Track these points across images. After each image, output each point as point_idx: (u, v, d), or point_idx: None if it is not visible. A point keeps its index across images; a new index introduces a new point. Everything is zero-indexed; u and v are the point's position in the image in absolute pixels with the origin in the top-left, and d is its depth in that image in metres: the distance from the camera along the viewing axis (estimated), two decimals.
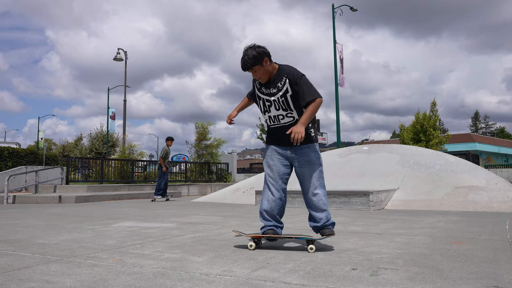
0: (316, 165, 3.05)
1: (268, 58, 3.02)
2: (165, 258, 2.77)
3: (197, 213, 6.55)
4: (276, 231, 3.13)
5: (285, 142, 3.08)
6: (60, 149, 43.06)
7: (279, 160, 3.12)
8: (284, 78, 3.03)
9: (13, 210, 7.52)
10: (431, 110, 23.39)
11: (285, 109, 3.03)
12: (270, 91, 3.07)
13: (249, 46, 3.03)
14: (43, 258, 2.79)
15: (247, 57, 2.98)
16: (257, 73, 3.03)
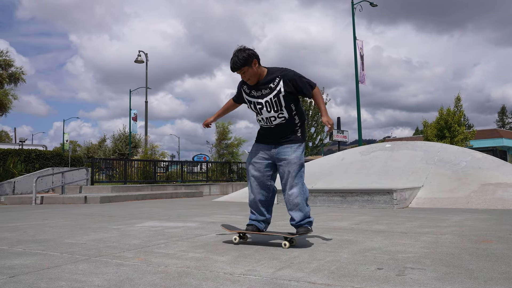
0: (294, 165, 3.12)
1: (257, 60, 3.11)
2: (189, 258, 2.79)
3: (219, 212, 6.58)
4: (258, 226, 3.30)
5: (271, 141, 3.22)
6: (84, 151, 44.12)
7: (261, 158, 3.24)
8: (277, 78, 3.11)
9: (41, 210, 7.73)
10: (455, 105, 22.82)
11: (276, 110, 3.12)
12: (262, 93, 3.15)
13: (239, 48, 3.11)
14: (71, 258, 2.86)
15: (237, 58, 3.07)
16: (246, 74, 3.11)
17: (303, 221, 3.16)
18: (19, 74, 12.48)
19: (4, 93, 11.26)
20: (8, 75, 12.25)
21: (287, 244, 3.07)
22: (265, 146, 3.25)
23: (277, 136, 3.19)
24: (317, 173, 10.00)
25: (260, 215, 3.33)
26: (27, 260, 2.80)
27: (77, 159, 28.64)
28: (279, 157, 3.17)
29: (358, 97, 18.21)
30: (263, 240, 3.48)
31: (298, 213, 3.15)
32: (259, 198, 3.30)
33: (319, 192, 7.58)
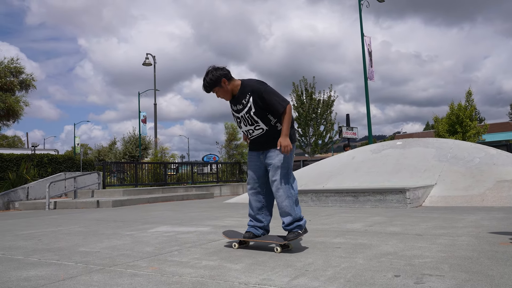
0: (278, 168, 3.17)
1: (226, 78, 3.18)
2: (203, 266, 2.78)
3: (230, 215, 6.57)
4: (254, 233, 3.39)
5: (259, 147, 3.30)
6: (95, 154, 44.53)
7: (255, 165, 3.34)
8: (248, 95, 3.16)
9: (55, 216, 7.80)
10: (466, 100, 22.47)
11: (251, 124, 3.21)
12: (237, 108, 3.25)
13: (208, 70, 3.21)
14: (86, 268, 2.86)
15: (206, 82, 3.19)
16: (219, 94, 3.23)
17: (292, 225, 3.20)
18: (29, 81, 12.60)
19: (15, 100, 11.38)
20: (19, 82, 12.38)
21: (278, 249, 3.16)
22: (255, 153, 3.35)
23: (262, 143, 3.27)
24: (327, 172, 9.94)
25: (258, 222, 3.40)
26: (42, 271, 2.81)
27: (88, 163, 28.91)
28: (266, 161, 3.26)
29: (367, 94, 18.06)
30: (264, 244, 3.45)
31: (286, 218, 3.20)
32: (255, 206, 3.38)
33: (331, 193, 7.53)
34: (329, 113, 22.80)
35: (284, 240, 3.18)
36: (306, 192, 7.89)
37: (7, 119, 11.96)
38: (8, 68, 12.36)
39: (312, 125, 22.57)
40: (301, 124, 22.72)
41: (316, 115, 22.59)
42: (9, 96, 11.58)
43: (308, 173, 10.37)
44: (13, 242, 4.30)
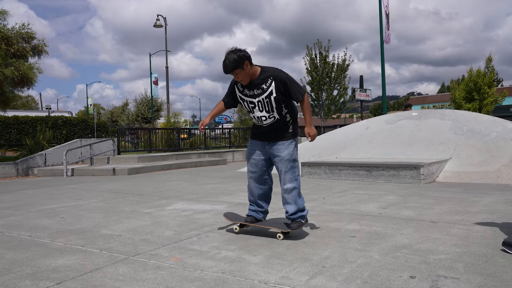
0: (288, 161, 3.29)
1: (249, 61, 3.17)
2: (223, 258, 2.88)
3: (244, 189, 6.67)
4: (256, 217, 3.51)
5: (265, 138, 3.36)
6: (108, 115, 44.87)
7: (258, 154, 3.41)
8: (270, 80, 3.19)
9: (73, 185, 8.02)
10: (486, 66, 21.72)
11: (267, 111, 3.25)
12: (254, 93, 3.24)
13: (230, 50, 3.18)
14: (110, 257, 2.99)
15: (228, 61, 3.14)
16: (239, 76, 3.20)
17: (296, 214, 3.33)
18: (41, 47, 12.52)
19: (29, 67, 11.37)
20: (32, 48, 12.31)
21: (281, 236, 3.32)
22: (260, 142, 3.41)
23: (269, 134, 3.33)
24: (341, 143, 9.93)
25: (259, 207, 3.54)
26: (69, 260, 2.94)
27: (101, 125, 29.28)
28: (273, 153, 3.33)
29: (382, 59, 17.62)
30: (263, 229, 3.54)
31: (291, 207, 3.32)
32: (257, 193, 3.50)
33: (344, 166, 7.56)
34: (343, 78, 22.41)
35: (288, 228, 3.33)
36: (319, 164, 7.93)
37: (22, 86, 12.01)
38: (19, 34, 12.27)
39: (326, 89, 22.27)
40: (314, 89, 22.44)
41: (329, 79, 22.23)
42: (23, 63, 11.57)
43: (322, 143, 10.37)
44: (37, 220, 4.48)
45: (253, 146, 3.46)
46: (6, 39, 11.56)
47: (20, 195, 6.71)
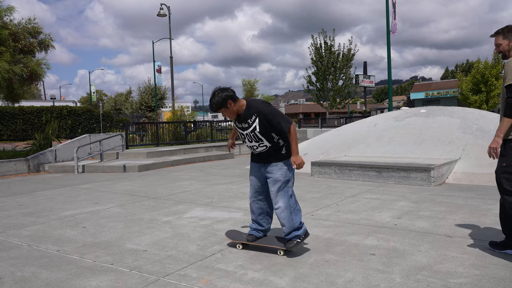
0: (279, 182, 3.46)
1: (232, 100, 3.39)
2: (250, 280, 2.99)
3: None
4: (256, 236, 3.72)
5: (261, 160, 3.57)
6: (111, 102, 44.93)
7: (256, 176, 3.63)
8: (254, 116, 3.39)
9: (87, 185, 8.14)
10: (494, 57, 21.54)
11: (256, 141, 3.46)
12: (242, 126, 3.48)
13: (215, 91, 3.42)
14: (141, 278, 3.11)
15: (212, 103, 3.41)
16: (224, 114, 3.45)
17: (290, 234, 3.50)
18: (48, 41, 12.53)
19: (37, 63, 11.41)
20: (38, 43, 12.32)
21: (282, 252, 3.54)
22: (257, 164, 3.63)
23: (263, 157, 3.54)
24: (349, 140, 10.00)
25: (260, 226, 3.72)
26: (102, 281, 3.07)
27: (106, 115, 29.34)
28: (267, 175, 3.54)
29: (389, 48, 17.54)
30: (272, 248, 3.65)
31: (285, 228, 3.50)
32: (257, 212, 3.69)
33: (354, 166, 7.65)
34: (348, 67, 22.32)
35: (285, 246, 3.51)
36: (329, 164, 8.03)
37: (30, 82, 12.07)
38: (26, 29, 12.27)
39: (331, 79, 22.21)
40: (319, 79, 22.38)
41: (335, 69, 22.15)
42: (30, 59, 11.60)
43: (330, 140, 10.45)
44: (61, 231, 4.60)
45: (252, 167, 3.69)
46: (13, 35, 11.56)
47: (37, 198, 6.84)
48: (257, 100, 3.56)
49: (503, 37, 3.34)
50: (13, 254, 3.82)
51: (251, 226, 3.76)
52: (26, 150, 12.46)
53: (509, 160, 3.19)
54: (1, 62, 10.16)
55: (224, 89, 3.40)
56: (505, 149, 3.22)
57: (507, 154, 3.21)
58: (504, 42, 3.34)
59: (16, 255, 3.79)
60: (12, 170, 10.51)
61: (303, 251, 3.60)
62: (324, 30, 21.84)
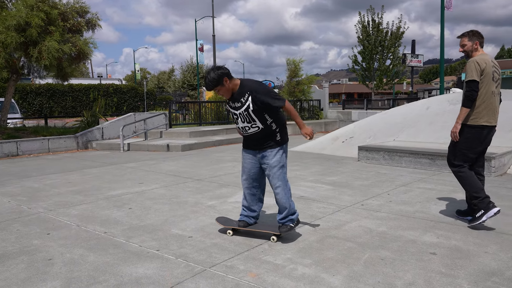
0: (276, 167, 3.50)
1: (228, 77, 3.38)
2: (301, 277, 2.82)
3: (302, 175, 6.58)
4: (248, 222, 3.73)
5: (254, 147, 3.56)
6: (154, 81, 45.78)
7: (250, 163, 3.62)
8: (246, 94, 3.39)
9: (132, 164, 8.26)
10: None
11: (249, 122, 3.44)
12: (235, 105, 3.47)
13: (210, 68, 3.43)
14: (187, 267, 3.02)
15: (208, 80, 3.36)
16: (220, 92, 3.43)
17: (285, 218, 3.54)
18: (95, 21, 12.69)
19: (85, 42, 11.61)
20: (86, 22, 12.51)
21: (275, 239, 3.55)
22: (251, 151, 3.61)
23: (257, 142, 3.53)
24: (399, 124, 9.50)
25: (251, 212, 3.72)
26: (148, 269, 3.01)
27: (149, 93, 29.92)
28: (262, 161, 3.55)
29: (442, 26, 16.45)
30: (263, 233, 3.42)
31: (284, 212, 3.54)
32: (250, 199, 3.69)
33: (405, 152, 7.24)
34: (397, 46, 21.23)
35: (278, 231, 3.53)
36: (378, 149, 7.65)
37: (78, 61, 12.34)
38: (74, 9, 12.46)
39: (378, 59, 21.24)
40: (365, 58, 21.48)
41: (382, 48, 21.14)
42: (78, 38, 11.81)
43: (377, 123, 9.99)
44: (107, 211, 4.64)
45: (245, 155, 3.66)
46: (62, 15, 11.78)
47: (85, 175, 7.00)
48: (250, 80, 3.55)
49: (468, 39, 3.88)
50: (62, 234, 3.87)
51: (242, 213, 3.76)
52: (75, 127, 12.88)
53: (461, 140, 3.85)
54: (51, 41, 10.40)
55: (220, 67, 3.41)
56: (462, 132, 3.85)
57: (462, 135, 3.85)
58: (468, 44, 3.87)
59: (66, 235, 3.84)
60: (62, 147, 10.90)
61: (356, 246, 3.38)
62: (372, 7, 20.82)
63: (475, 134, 3.82)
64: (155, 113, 13.10)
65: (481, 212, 3.72)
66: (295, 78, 16.84)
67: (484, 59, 3.74)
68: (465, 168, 3.89)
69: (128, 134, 12.07)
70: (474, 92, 3.71)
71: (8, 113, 12.78)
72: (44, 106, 24.59)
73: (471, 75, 3.72)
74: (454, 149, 3.94)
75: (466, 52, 3.92)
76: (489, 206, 3.70)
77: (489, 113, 3.79)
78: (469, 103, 3.74)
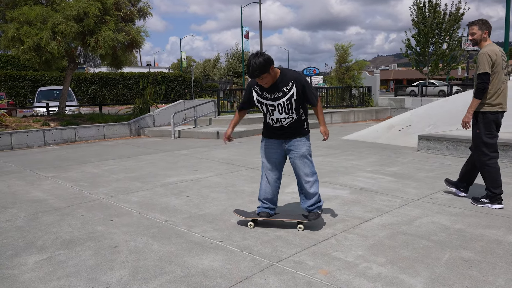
0: (306, 157, 3.46)
1: (273, 64, 3.21)
2: (377, 277, 2.62)
3: (359, 165, 6.29)
4: (269, 213, 3.62)
5: (282, 136, 3.47)
6: (200, 69, 46.34)
7: (276, 152, 3.52)
8: (290, 83, 3.28)
9: (184, 151, 8.31)
10: None
11: (287, 113, 3.34)
12: (274, 96, 3.31)
13: (254, 54, 3.18)
14: (254, 261, 2.90)
15: (256, 66, 3.12)
16: (264, 80, 3.22)
17: (314, 205, 3.51)
18: (146, 9, 12.85)
19: (137, 31, 11.80)
20: (138, 11, 12.69)
21: (302, 227, 3.48)
22: (276, 141, 3.50)
23: (287, 132, 3.44)
24: (461, 112, 8.82)
25: (273, 204, 3.64)
26: (214, 261, 2.92)
27: (196, 80, 30.30)
28: (292, 149, 3.45)
29: (508, 5, 15.20)
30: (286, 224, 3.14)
31: (312, 199, 3.50)
32: (273, 190, 3.59)
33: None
34: (455, 29, 19.91)
35: (306, 219, 3.48)
36: (441, 139, 7.17)
37: (131, 50, 12.57)
38: None
39: (434, 42, 20.06)
40: (420, 42, 20.36)
41: (439, 31, 19.92)
42: (131, 26, 12.01)
43: (437, 110, 9.41)
44: (166, 199, 4.63)
45: (269, 144, 3.54)
46: (116, 4, 12.00)
47: (140, 162, 7.11)
48: (290, 69, 3.43)
49: (478, 27, 3.97)
50: (125, 220, 3.89)
51: (262, 205, 3.63)
52: (127, 115, 13.22)
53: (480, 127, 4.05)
54: (107, 31, 10.64)
55: (264, 53, 3.20)
56: (476, 119, 4.07)
57: (478, 122, 4.07)
58: (478, 32, 3.97)
59: (128, 222, 3.85)
60: (116, 133, 11.21)
61: (433, 244, 3.11)
62: None
63: (492, 118, 4.00)
64: (204, 101, 13.16)
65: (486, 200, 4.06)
66: (344, 63, 16.28)
67: (494, 50, 3.88)
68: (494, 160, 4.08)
69: (178, 121, 12.20)
70: (486, 84, 3.88)
71: (66, 100, 13.33)
72: (97, 94, 25.56)
73: (483, 68, 3.86)
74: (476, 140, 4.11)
75: (475, 40, 4.04)
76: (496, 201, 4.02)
77: (502, 99, 3.98)
78: (481, 94, 3.90)
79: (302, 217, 3.52)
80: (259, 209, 3.65)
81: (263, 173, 3.62)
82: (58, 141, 10.10)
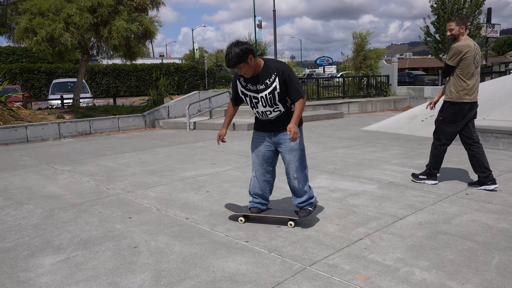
0: (296, 151, 3.28)
1: (252, 54, 3.05)
2: (422, 284, 2.38)
3: (383, 157, 6.02)
4: (261, 208, 3.51)
5: (271, 129, 3.29)
6: (213, 59, 45.98)
7: (264, 146, 3.36)
8: (273, 75, 3.11)
9: (200, 143, 8.12)
10: None
11: (271, 105, 3.17)
12: (257, 88, 3.16)
13: (232, 43, 3.06)
14: (284, 264, 2.69)
15: (231, 55, 3.00)
16: (242, 70, 3.08)
17: (305, 202, 3.36)
18: None
19: (150, 21, 11.59)
20: (151, 1, 12.47)
21: (292, 224, 3.36)
22: (265, 133, 3.34)
23: (275, 124, 3.26)
24: (487, 101, 8.48)
25: (264, 199, 3.51)
26: (241, 264, 2.72)
27: (209, 71, 30.06)
28: (280, 143, 3.29)
29: None
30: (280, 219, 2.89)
31: (302, 197, 3.35)
32: (264, 186, 3.45)
33: (503, 133, 6.40)
34: (476, 15, 19.22)
35: (296, 215, 3.35)
36: None
37: (145, 40, 12.39)
38: None
39: None
40: (439, 29, 19.73)
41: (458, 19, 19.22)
42: (144, 16, 11.81)
43: None
44: (185, 194, 4.45)
45: (258, 137, 3.39)
46: None
47: (156, 155, 6.94)
48: (275, 60, 3.24)
49: (456, 24, 4.19)
50: (144, 218, 3.71)
51: (254, 200, 3.51)
52: (142, 106, 13.08)
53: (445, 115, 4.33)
54: (120, 21, 10.45)
55: (243, 42, 3.06)
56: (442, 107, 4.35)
57: (444, 111, 4.33)
58: (456, 28, 4.19)
59: (147, 219, 3.67)
60: (131, 125, 11.08)
61: (478, 246, 2.85)
62: None
63: (459, 110, 4.19)
64: (219, 91, 12.94)
65: None
66: (361, 52, 15.84)
67: (468, 44, 4.10)
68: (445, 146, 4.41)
69: (193, 112, 12.02)
70: (447, 74, 4.25)
71: (80, 92, 13.24)
72: (111, 86, 25.53)
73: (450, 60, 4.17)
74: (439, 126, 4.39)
75: (453, 35, 4.23)
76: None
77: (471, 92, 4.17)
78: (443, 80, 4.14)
79: (294, 214, 3.39)
80: (250, 204, 3.54)
81: (252, 168, 3.50)
82: (73, 133, 10.01)
